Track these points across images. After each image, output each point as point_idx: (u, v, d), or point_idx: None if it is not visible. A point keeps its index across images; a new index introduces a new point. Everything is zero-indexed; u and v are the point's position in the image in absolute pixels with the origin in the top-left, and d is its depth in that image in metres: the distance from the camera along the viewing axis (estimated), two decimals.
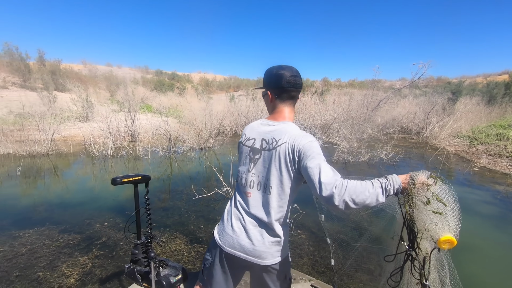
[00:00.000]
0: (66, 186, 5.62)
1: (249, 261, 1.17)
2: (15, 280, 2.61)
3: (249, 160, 1.23)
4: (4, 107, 12.76)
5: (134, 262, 1.85)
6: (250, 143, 1.24)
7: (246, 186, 1.22)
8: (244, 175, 1.24)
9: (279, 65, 1.25)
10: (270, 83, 1.26)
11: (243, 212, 1.21)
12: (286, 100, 1.25)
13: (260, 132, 1.23)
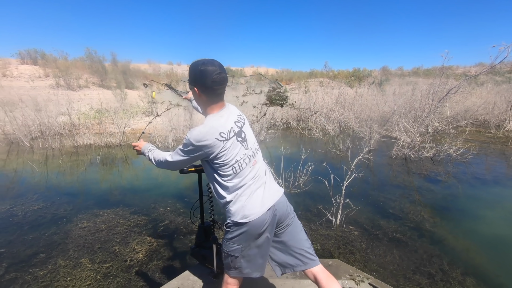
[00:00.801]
0: (135, 173, 6.34)
1: (280, 200, 1.43)
2: (97, 251, 3.08)
3: (240, 143, 1.35)
4: (87, 104, 14.77)
5: (198, 244, 2.03)
6: (232, 133, 1.33)
7: (250, 162, 1.37)
8: (243, 156, 1.35)
9: (202, 60, 1.30)
10: (196, 79, 1.32)
11: (259, 177, 1.41)
12: (219, 95, 1.37)
13: (228, 121, 1.35)
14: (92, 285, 2.51)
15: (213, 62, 1.28)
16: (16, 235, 3.40)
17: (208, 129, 1.28)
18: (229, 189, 1.35)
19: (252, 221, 1.31)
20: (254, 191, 1.35)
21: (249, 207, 1.32)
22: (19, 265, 2.81)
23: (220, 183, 1.37)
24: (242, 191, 1.34)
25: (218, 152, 1.29)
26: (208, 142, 1.27)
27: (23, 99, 11.33)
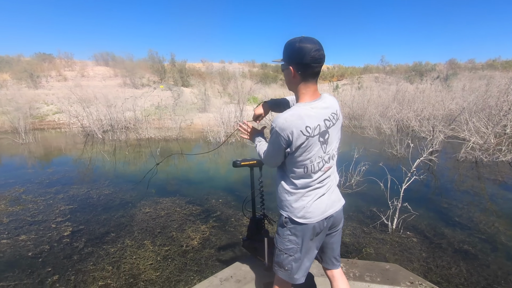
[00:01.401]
0: (190, 166, 6.75)
1: (337, 210, 1.38)
2: (157, 235, 3.37)
3: (320, 144, 1.22)
4: (148, 101, 16.14)
5: (250, 236, 2.09)
6: (317, 130, 1.19)
7: (323, 166, 1.27)
8: (318, 159, 1.25)
9: (300, 38, 1.18)
10: (292, 57, 1.19)
11: (328, 183, 1.34)
12: (314, 76, 1.22)
13: (318, 116, 1.20)
14: (153, 265, 2.76)
15: (312, 39, 1.17)
16: (91, 215, 3.90)
17: (295, 118, 1.16)
18: (295, 186, 1.29)
19: (310, 224, 1.28)
20: (319, 195, 1.30)
21: (311, 210, 1.28)
22: (95, 241, 3.22)
23: (287, 177, 1.31)
24: (308, 192, 1.29)
25: (297, 147, 1.19)
26: (292, 133, 1.16)
27: (97, 96, 12.85)
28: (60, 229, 3.48)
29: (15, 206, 4.16)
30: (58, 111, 14.90)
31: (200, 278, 2.55)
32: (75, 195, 4.66)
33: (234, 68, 30.99)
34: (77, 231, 3.44)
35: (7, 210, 4.04)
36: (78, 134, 11.18)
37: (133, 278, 2.56)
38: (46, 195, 4.64)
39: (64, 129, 12.84)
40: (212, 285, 1.81)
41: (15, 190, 4.85)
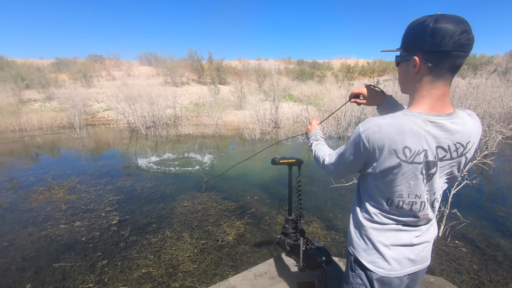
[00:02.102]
0: (225, 162, 6.90)
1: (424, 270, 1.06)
2: (195, 228, 3.51)
3: (422, 178, 0.87)
4: (187, 99, 16.79)
5: (285, 235, 2.09)
6: (421, 158, 0.83)
7: (418, 211, 0.92)
8: (413, 198, 0.90)
9: (435, 15, 0.78)
10: (421, 42, 0.80)
11: (420, 233, 0.97)
12: (448, 73, 0.81)
13: (429, 137, 0.82)
14: (191, 257, 2.88)
15: (455, 17, 0.77)
16: (136, 206, 4.17)
17: (393, 130, 0.82)
18: (372, 219, 0.97)
19: (382, 276, 0.96)
20: (403, 244, 0.95)
21: (387, 257, 0.95)
22: (138, 231, 3.44)
23: (364, 204, 1.01)
24: (388, 232, 0.96)
25: (382, 170, 0.88)
26: (381, 148, 0.84)
27: (141, 94, 13.66)
28: (109, 217, 3.79)
29: (72, 195, 4.61)
30: (107, 108, 16.14)
31: (235, 274, 2.61)
32: (121, 186, 5.02)
33: (270, 65, 30.94)
34: (123, 221, 3.71)
35: (65, 198, 4.49)
36: (124, 130, 12.03)
37: (173, 268, 2.70)
38: (97, 186, 5.07)
39: (112, 125, 13.89)
40: (246, 279, 1.84)
41: (72, 180, 5.37)
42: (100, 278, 2.57)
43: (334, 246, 3.09)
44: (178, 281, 2.52)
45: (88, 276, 2.60)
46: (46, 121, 13.36)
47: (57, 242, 3.18)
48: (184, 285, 2.47)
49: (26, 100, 16.63)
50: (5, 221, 3.71)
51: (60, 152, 8.58)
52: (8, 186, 5.16)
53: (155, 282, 2.51)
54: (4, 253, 2.98)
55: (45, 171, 6.12)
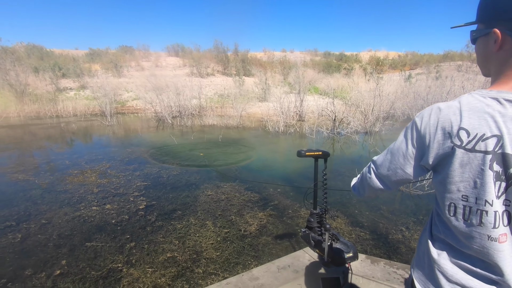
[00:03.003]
0: (249, 153, 6.92)
1: None
2: (218, 217, 3.56)
3: (492, 177, 0.63)
4: (212, 90, 16.98)
5: (309, 229, 2.05)
6: (489, 145, 0.62)
7: (491, 227, 0.64)
8: (486, 207, 0.65)
9: None
10: (501, 9, 0.64)
11: (492, 269, 0.67)
12: None
13: (505, 120, 0.61)
14: (214, 245, 2.93)
15: None
16: (162, 193, 4.31)
17: (451, 110, 0.67)
18: (437, 232, 0.77)
19: None
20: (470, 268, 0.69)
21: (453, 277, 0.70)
22: (164, 216, 3.55)
23: (437, 214, 0.78)
24: (450, 252, 0.73)
25: (434, 157, 0.70)
26: (433, 130, 0.68)
27: (168, 85, 14.00)
28: (137, 202, 3.94)
29: (103, 179, 4.85)
30: (136, 97, 16.73)
31: (257, 264, 2.62)
32: (148, 173, 5.20)
33: (296, 57, 30.41)
34: (150, 206, 3.84)
35: (96, 182, 4.73)
36: (152, 119, 12.42)
37: (196, 254, 2.76)
38: (126, 171, 5.29)
39: (140, 114, 14.40)
40: (269, 271, 1.83)
41: (103, 165, 5.64)
42: (128, 259, 2.68)
43: (359, 243, 3.01)
44: (201, 267, 2.57)
45: (117, 256, 2.72)
46: (80, 108, 14.10)
47: (89, 223, 3.37)
48: (207, 271, 2.52)
49: (62, 88, 17.64)
50: (44, 200, 3.98)
51: (92, 138, 9.03)
52: (46, 168, 5.52)
53: (179, 266, 2.58)
54: (43, 230, 3.20)
55: (79, 155, 6.48)
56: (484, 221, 0.65)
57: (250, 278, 1.75)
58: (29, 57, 20.97)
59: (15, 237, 3.04)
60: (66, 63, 21.06)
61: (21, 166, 5.65)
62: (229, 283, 1.69)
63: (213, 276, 2.46)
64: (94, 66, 23.05)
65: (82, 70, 19.82)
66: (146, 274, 2.46)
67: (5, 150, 7.06)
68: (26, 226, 3.28)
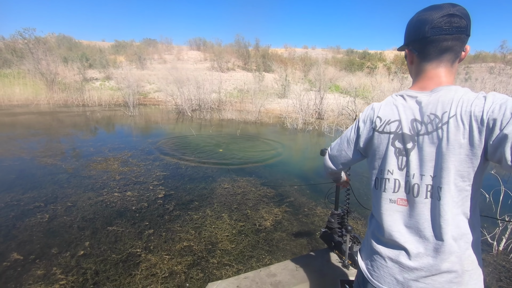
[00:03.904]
0: (265, 149, 6.92)
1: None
2: (234, 210, 3.60)
3: (394, 152, 0.82)
4: (232, 84, 17.06)
5: (329, 229, 2.03)
6: (392, 127, 0.83)
7: (391, 192, 0.83)
8: (388, 175, 0.84)
9: (427, 6, 0.82)
10: (409, 35, 0.86)
11: (396, 228, 0.83)
12: (435, 57, 0.81)
13: (405, 109, 0.83)
14: (229, 237, 2.97)
15: (443, 5, 0.79)
16: (180, 183, 4.40)
17: (373, 106, 0.92)
18: (373, 206, 0.96)
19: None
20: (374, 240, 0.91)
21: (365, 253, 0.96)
22: (181, 206, 3.64)
23: None
24: (372, 226, 0.94)
25: (365, 141, 0.93)
26: (363, 121, 0.93)
27: (189, 78, 14.19)
28: (156, 191, 4.05)
29: (124, 167, 5.02)
30: (158, 90, 17.10)
31: (271, 259, 2.63)
32: (167, 164, 5.33)
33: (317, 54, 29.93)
34: (168, 195, 3.94)
35: (118, 169, 4.90)
36: (172, 111, 12.67)
37: (212, 245, 2.81)
38: (146, 161, 5.44)
39: (161, 106, 14.72)
40: (287, 268, 1.84)
41: (125, 154, 5.84)
42: (146, 245, 2.77)
43: None
44: (217, 257, 2.62)
45: (136, 242, 2.82)
46: (104, 98, 14.61)
47: (111, 208, 3.50)
48: (222, 262, 2.56)
49: (89, 78, 18.31)
50: (70, 184, 4.18)
51: (115, 128, 9.34)
52: (72, 154, 5.79)
53: (195, 256, 2.63)
54: (68, 212, 3.36)
55: (103, 143, 6.73)
56: (386, 187, 0.85)
57: (267, 274, 1.76)
58: (59, 48, 21.90)
59: (43, 217, 3.22)
60: (93, 54, 21.82)
61: (49, 151, 5.95)
62: (247, 278, 1.71)
63: (228, 267, 2.49)
64: (119, 57, 23.75)
65: (108, 62, 20.47)
66: (163, 260, 2.54)
67: (35, 135, 7.45)
68: (53, 207, 3.47)
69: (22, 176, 4.45)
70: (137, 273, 2.36)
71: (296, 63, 24.29)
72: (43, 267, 2.41)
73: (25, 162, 5.15)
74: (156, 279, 2.30)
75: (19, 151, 5.83)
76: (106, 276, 2.32)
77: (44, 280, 2.26)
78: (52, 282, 2.24)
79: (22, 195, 3.75)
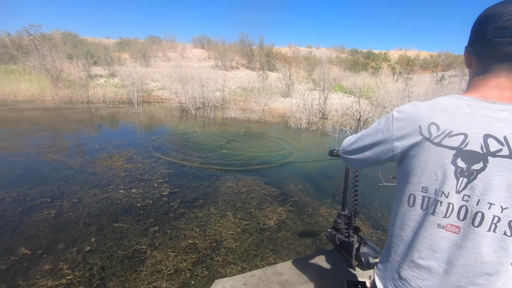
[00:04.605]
0: (270, 148, 6.93)
1: None
2: (238, 209, 3.61)
3: (454, 172, 0.67)
4: (236, 83, 17.06)
5: (336, 230, 2.04)
6: (454, 141, 0.67)
7: (442, 216, 0.70)
8: (441, 198, 0.69)
9: (498, 1, 0.69)
10: (471, 34, 0.74)
11: (440, 258, 0.71)
12: (496, 63, 0.69)
13: (470, 119, 0.67)
14: (233, 235, 2.99)
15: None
16: (184, 181, 4.42)
17: (425, 108, 0.73)
18: (392, 231, 0.83)
19: None
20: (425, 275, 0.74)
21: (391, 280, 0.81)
22: (186, 204, 3.66)
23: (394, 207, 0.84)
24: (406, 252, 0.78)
25: (406, 148, 0.75)
26: (407, 124, 0.74)
27: (193, 76, 14.21)
28: (160, 188, 4.08)
29: (129, 164, 5.05)
30: (162, 87, 17.14)
31: (275, 258, 2.65)
32: (172, 161, 5.35)
33: (321, 53, 29.84)
34: (173, 193, 3.96)
35: (123, 166, 4.93)
36: (176, 109, 12.71)
37: (216, 243, 2.83)
38: (151, 158, 5.47)
39: (165, 103, 14.75)
40: (293, 268, 1.85)
41: (129, 151, 5.87)
42: (151, 242, 2.80)
43: (381, 247, 2.95)
44: (221, 255, 2.63)
45: (142, 238, 2.84)
46: (109, 95, 14.67)
47: (116, 205, 3.53)
48: (226, 260, 2.58)
49: (93, 75, 18.40)
50: (75, 181, 4.21)
51: (120, 125, 9.39)
52: (77, 151, 5.83)
53: (200, 253, 2.65)
54: (74, 208, 3.39)
55: (107, 140, 6.77)
56: (437, 210, 0.70)
57: (274, 273, 1.77)
58: (65, 44, 22.01)
59: (49, 212, 3.26)
60: (98, 51, 21.90)
61: (55, 147, 5.99)
62: (253, 275, 1.72)
63: (232, 265, 2.51)
64: (123, 55, 23.82)
65: (112, 59, 20.54)
66: (168, 257, 2.56)
67: (41, 131, 7.51)
68: (59, 203, 3.50)
69: (29, 172, 4.49)
70: (143, 270, 2.38)
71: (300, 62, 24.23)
72: (50, 262, 2.44)
73: (31, 158, 5.20)
74: (162, 276, 2.32)
75: (25, 146, 5.89)
76: (112, 272, 2.34)
77: (51, 275, 2.29)
78: (59, 277, 2.27)
79: (29, 191, 3.79)
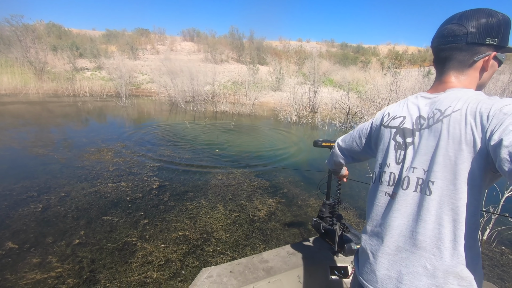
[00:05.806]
0: (260, 141, 6.96)
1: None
2: (229, 201, 3.64)
3: (394, 146, 0.82)
4: (226, 76, 16.95)
5: (321, 218, 2.09)
6: (395, 122, 0.84)
7: (386, 184, 0.83)
8: (385, 169, 0.83)
9: None
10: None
11: (381, 222, 0.83)
12: (441, 66, 0.83)
13: (412, 107, 0.83)
14: (224, 227, 3.02)
15: (457, 14, 0.79)
16: (174, 174, 4.42)
17: (394, 104, 0.94)
18: (368, 202, 0.93)
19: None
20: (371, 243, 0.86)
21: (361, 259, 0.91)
22: (176, 197, 3.66)
23: None
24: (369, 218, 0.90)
25: (375, 136, 0.95)
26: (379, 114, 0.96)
27: (183, 69, 14.04)
28: (150, 182, 4.06)
29: (118, 158, 5.00)
30: (150, 81, 16.88)
31: (265, 247, 2.70)
32: (161, 155, 5.32)
33: (312, 47, 29.87)
34: (163, 186, 3.96)
35: (112, 160, 4.88)
36: (165, 102, 12.55)
37: (207, 234, 2.86)
38: (140, 152, 5.43)
39: (154, 97, 14.55)
40: (279, 255, 1.89)
41: (118, 145, 5.80)
42: (142, 234, 2.80)
43: None
44: (211, 246, 2.67)
45: (132, 231, 2.85)
46: (96, 88, 14.35)
47: (105, 198, 3.51)
48: (217, 250, 2.62)
49: (79, 68, 17.93)
50: (62, 175, 4.15)
51: (108, 118, 9.24)
52: (64, 145, 5.72)
53: (190, 244, 2.68)
54: (62, 202, 3.35)
55: (95, 134, 6.66)
56: (382, 180, 0.84)
57: (260, 261, 1.81)
58: (48, 36, 21.30)
59: (36, 207, 3.21)
60: (84, 43, 21.31)
61: (40, 141, 5.86)
62: (239, 263, 1.76)
63: (223, 255, 2.55)
64: (110, 47, 23.25)
65: (99, 51, 20.04)
66: (159, 249, 2.58)
67: (25, 125, 7.32)
68: (46, 197, 3.45)
69: (14, 166, 4.40)
70: (133, 261, 2.39)
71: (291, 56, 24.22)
72: (39, 256, 2.42)
73: (16, 152, 5.08)
74: (152, 267, 2.34)
75: (9, 141, 5.74)
76: (102, 264, 2.35)
77: (40, 268, 2.28)
78: (48, 270, 2.26)
79: (15, 185, 3.72)
